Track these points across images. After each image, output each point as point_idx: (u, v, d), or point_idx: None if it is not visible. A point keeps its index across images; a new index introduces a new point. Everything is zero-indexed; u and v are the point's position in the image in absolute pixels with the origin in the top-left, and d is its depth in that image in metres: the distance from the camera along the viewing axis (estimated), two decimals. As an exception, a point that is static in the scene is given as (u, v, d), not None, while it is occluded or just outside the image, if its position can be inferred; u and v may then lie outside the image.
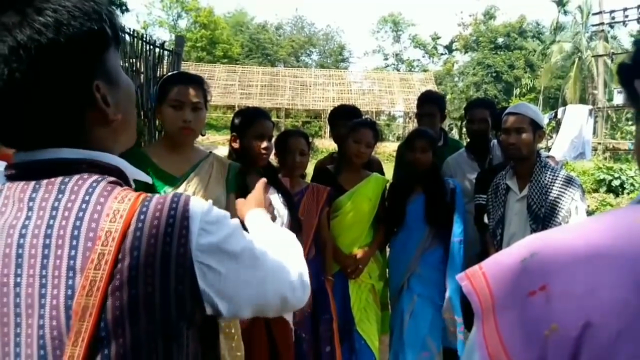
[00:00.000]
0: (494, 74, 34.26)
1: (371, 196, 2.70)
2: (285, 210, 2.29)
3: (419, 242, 2.70)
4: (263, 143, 2.21)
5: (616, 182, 10.91)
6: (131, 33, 4.08)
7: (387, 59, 42.49)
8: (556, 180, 2.35)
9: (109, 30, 0.74)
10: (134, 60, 4.19)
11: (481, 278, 0.57)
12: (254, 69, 27.36)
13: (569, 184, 2.32)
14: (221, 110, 25.77)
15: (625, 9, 18.64)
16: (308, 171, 3.07)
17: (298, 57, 39.81)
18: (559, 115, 13.30)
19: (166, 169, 1.88)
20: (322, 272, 2.52)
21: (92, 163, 0.74)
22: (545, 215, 2.31)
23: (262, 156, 2.23)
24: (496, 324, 0.53)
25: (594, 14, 22.07)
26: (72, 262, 0.66)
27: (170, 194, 0.72)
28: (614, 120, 23.08)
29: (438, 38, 41.08)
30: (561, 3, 31.24)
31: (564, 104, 19.79)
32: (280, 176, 2.44)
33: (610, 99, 22.82)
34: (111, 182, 0.73)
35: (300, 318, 2.37)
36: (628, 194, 10.63)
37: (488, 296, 0.55)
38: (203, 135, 2.06)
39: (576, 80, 26.08)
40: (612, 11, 19.56)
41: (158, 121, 3.71)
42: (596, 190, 10.99)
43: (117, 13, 0.77)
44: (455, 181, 2.83)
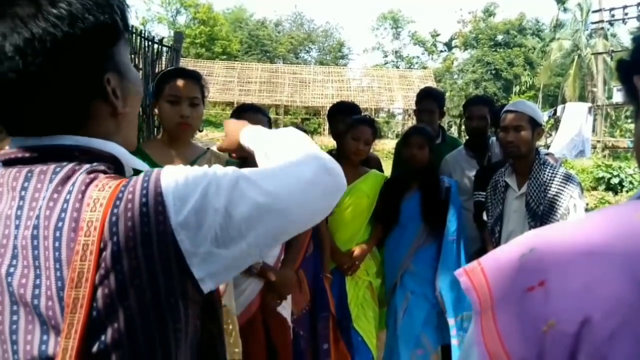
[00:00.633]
0: (494, 72, 34.25)
1: (369, 193, 2.70)
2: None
3: (413, 239, 2.70)
4: None
5: (615, 180, 10.94)
6: (130, 29, 4.05)
7: (387, 56, 42.50)
8: (555, 177, 2.34)
9: (121, 22, 0.74)
10: (133, 56, 4.19)
11: (480, 274, 0.57)
12: (253, 66, 27.32)
13: (568, 182, 2.32)
14: (220, 106, 25.75)
15: (625, 7, 18.66)
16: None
17: (297, 54, 39.75)
18: (559, 112, 13.32)
19: (163, 165, 1.86)
20: (321, 270, 2.52)
21: (85, 150, 0.73)
22: (543, 212, 2.31)
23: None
24: (494, 320, 0.53)
25: (594, 12, 22.10)
26: (58, 254, 0.65)
27: (142, 173, 0.70)
28: (613, 118, 23.11)
29: (437, 35, 41.06)
30: (561, 0, 31.21)
31: (564, 102, 19.79)
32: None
33: (609, 97, 22.84)
34: (97, 170, 0.71)
35: (298, 315, 2.37)
36: (627, 192, 10.65)
37: (486, 292, 0.55)
38: (200, 131, 2.05)
39: (575, 77, 26.09)
40: (612, 9, 19.59)
41: (156, 117, 3.70)
42: (595, 188, 11.02)
43: (126, 5, 0.77)
44: (450, 180, 2.83)
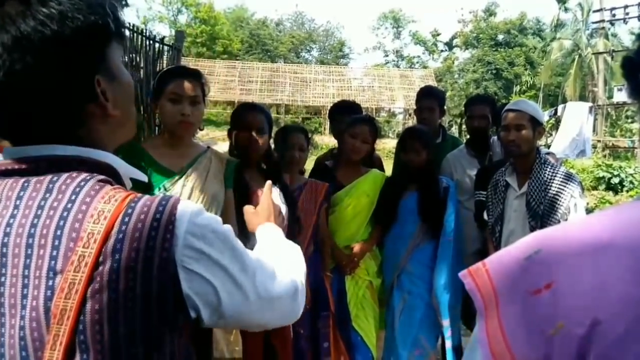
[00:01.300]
0: (494, 71, 34.19)
1: (369, 192, 2.69)
2: (285, 206, 2.29)
3: (410, 239, 2.70)
4: (250, 134, 2.19)
5: (615, 180, 10.92)
6: (131, 28, 4.06)
7: (387, 56, 42.42)
8: (555, 177, 2.34)
9: (112, 24, 0.73)
10: (134, 55, 4.18)
11: (484, 275, 0.56)
12: (254, 65, 27.31)
13: (569, 181, 2.32)
14: (221, 106, 25.73)
15: (625, 7, 18.62)
16: (308, 167, 3.06)
17: (298, 53, 39.71)
18: (559, 112, 13.30)
19: (164, 164, 1.87)
20: (321, 269, 2.53)
21: (83, 160, 0.72)
22: (544, 212, 2.31)
23: (251, 147, 2.18)
24: (500, 322, 0.52)
25: (595, 11, 22.05)
26: (53, 263, 0.64)
27: (159, 196, 0.70)
28: (614, 117, 23.07)
29: (438, 35, 40.99)
30: (562, 0, 31.16)
31: (564, 102, 19.76)
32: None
33: (610, 97, 22.81)
34: (101, 181, 0.70)
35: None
36: (627, 192, 10.64)
37: (491, 293, 0.54)
38: (201, 129, 2.05)
39: (576, 77, 26.06)
40: (613, 8, 19.55)
41: (157, 116, 3.70)
42: (595, 187, 11.01)
43: (119, 7, 0.76)
44: (449, 180, 2.83)
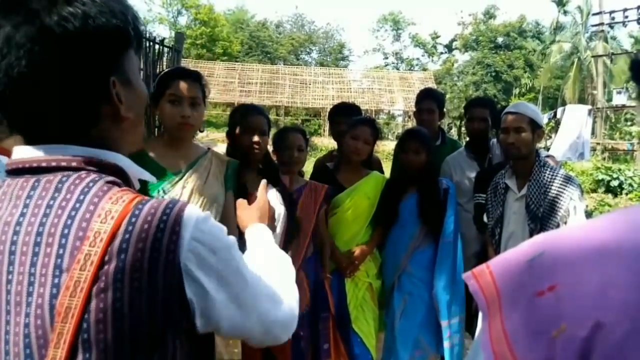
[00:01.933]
0: (494, 74, 34.25)
1: (370, 194, 2.69)
2: (283, 208, 2.29)
3: (410, 241, 2.70)
4: (253, 137, 2.21)
5: (615, 183, 10.95)
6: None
7: (387, 58, 42.48)
8: (555, 179, 2.34)
9: (132, 32, 0.75)
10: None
11: (488, 277, 0.56)
12: (254, 67, 27.34)
13: (568, 184, 2.32)
14: (221, 107, 25.75)
15: (625, 10, 18.64)
16: (308, 169, 3.06)
17: (298, 55, 39.75)
18: (559, 115, 13.31)
19: (164, 165, 1.87)
20: (321, 270, 2.52)
21: (92, 161, 0.73)
22: (543, 214, 2.31)
23: (254, 150, 2.21)
24: (503, 323, 0.52)
25: (594, 14, 22.08)
26: (60, 261, 0.65)
27: (166, 199, 0.71)
28: (613, 120, 23.12)
29: (438, 37, 41.06)
30: (561, 3, 31.23)
31: (563, 104, 19.79)
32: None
33: (609, 99, 22.86)
34: (109, 182, 0.72)
35: (298, 316, 2.36)
36: (626, 194, 10.66)
37: (495, 295, 0.54)
38: (202, 131, 2.05)
39: (575, 80, 26.10)
40: (612, 11, 19.57)
41: (157, 117, 3.69)
42: (595, 190, 11.03)
43: (141, 20, 0.78)
44: (449, 181, 2.83)
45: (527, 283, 0.52)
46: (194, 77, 1.91)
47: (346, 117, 2.92)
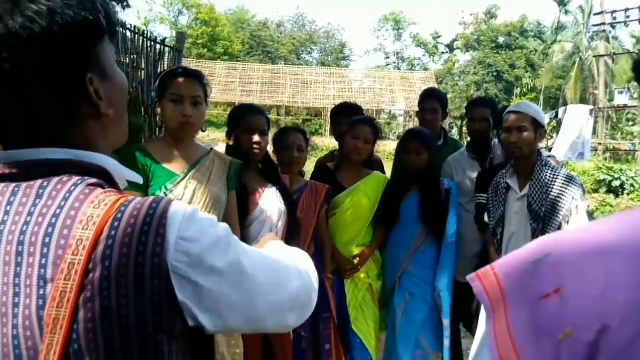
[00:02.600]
0: (495, 74, 34.22)
1: (370, 194, 2.69)
2: (283, 207, 2.29)
3: (411, 241, 2.70)
4: (254, 137, 2.21)
5: (616, 183, 10.93)
6: (132, 29, 4.06)
7: (388, 58, 42.45)
8: (557, 179, 2.34)
9: (104, 21, 0.71)
10: (135, 56, 4.18)
11: (493, 279, 0.56)
12: (255, 67, 27.33)
13: (570, 183, 2.32)
14: (222, 107, 25.74)
15: (626, 10, 18.63)
16: (309, 169, 3.06)
17: (299, 55, 39.76)
18: (560, 115, 13.29)
19: (167, 165, 1.87)
20: (322, 271, 2.52)
21: (74, 163, 0.70)
22: (545, 214, 2.31)
23: (254, 150, 2.21)
24: (508, 325, 0.52)
25: (596, 14, 22.07)
26: (43, 271, 0.62)
27: (150, 198, 0.67)
28: (615, 120, 23.09)
29: (439, 37, 41.02)
30: (562, 3, 31.20)
31: (565, 104, 19.78)
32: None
33: (611, 99, 22.84)
34: (91, 185, 0.68)
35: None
36: (628, 195, 10.64)
37: (500, 297, 0.54)
38: (204, 131, 2.05)
39: (577, 80, 26.10)
40: (614, 11, 19.55)
41: (159, 117, 3.70)
42: (596, 190, 11.01)
43: (114, 4, 0.74)
44: (450, 182, 2.83)
45: (532, 285, 0.52)
46: (196, 77, 1.91)
47: (348, 117, 2.92)
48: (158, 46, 4.15)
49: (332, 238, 2.64)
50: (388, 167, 3.34)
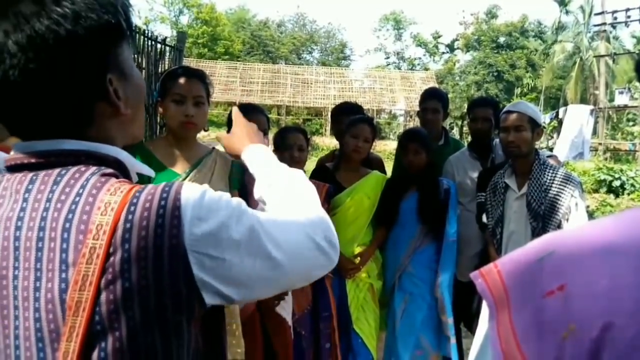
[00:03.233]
0: (496, 73, 34.20)
1: (370, 194, 2.69)
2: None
3: (411, 240, 2.71)
4: None
5: (617, 183, 10.92)
6: (133, 28, 4.04)
7: (389, 57, 42.42)
8: (555, 177, 2.36)
9: (124, 23, 0.74)
10: (136, 55, 4.19)
11: (496, 276, 0.56)
12: (255, 66, 27.31)
13: (568, 181, 2.34)
14: (222, 107, 25.70)
15: (627, 10, 18.61)
16: (309, 168, 3.06)
17: (299, 55, 39.75)
18: (560, 115, 13.29)
19: (168, 165, 1.87)
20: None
21: (91, 154, 0.73)
22: (545, 212, 2.32)
23: None
24: (511, 323, 0.52)
25: (596, 14, 22.06)
26: (65, 256, 0.65)
27: (163, 184, 0.70)
28: (615, 120, 23.07)
29: (439, 37, 40.98)
30: (563, 3, 31.16)
31: (565, 104, 19.76)
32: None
33: (611, 99, 22.82)
34: (106, 174, 0.71)
35: (300, 315, 2.37)
36: (628, 195, 10.64)
37: (503, 295, 0.54)
38: (206, 130, 2.05)
39: (577, 80, 26.08)
40: (614, 11, 19.53)
41: (160, 117, 3.70)
42: (596, 190, 11.00)
43: (130, 6, 0.77)
44: (449, 181, 2.83)
45: (536, 283, 0.52)
46: (198, 76, 1.91)
47: (348, 117, 2.91)
48: (159, 46, 4.15)
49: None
50: (388, 167, 3.34)
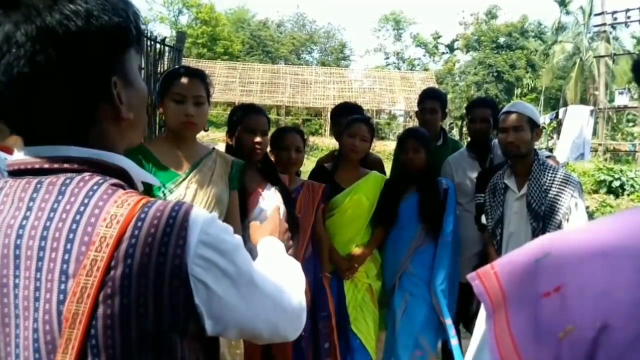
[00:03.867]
0: (495, 74, 34.22)
1: (369, 194, 2.69)
2: (283, 206, 2.29)
3: (411, 241, 2.71)
4: (256, 137, 2.21)
5: (616, 183, 10.93)
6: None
7: (388, 58, 42.41)
8: (555, 178, 2.36)
9: (134, 30, 0.75)
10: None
11: (493, 278, 0.56)
12: (255, 66, 27.31)
13: (568, 182, 2.34)
14: (221, 107, 25.72)
15: (627, 10, 18.64)
16: (308, 169, 3.06)
17: (299, 55, 39.75)
18: (560, 115, 13.31)
19: (168, 165, 1.86)
20: (320, 269, 2.53)
21: (96, 162, 0.72)
22: (545, 213, 2.32)
23: (255, 150, 2.22)
24: (508, 325, 0.52)
25: (596, 15, 22.11)
26: (65, 267, 0.64)
27: (172, 201, 0.70)
28: (615, 121, 23.09)
29: (439, 37, 40.99)
30: (563, 3, 31.19)
31: (565, 105, 19.80)
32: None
33: (611, 100, 22.85)
34: (114, 185, 0.70)
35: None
36: (628, 195, 10.65)
37: (500, 296, 0.54)
38: (206, 130, 2.05)
39: (577, 80, 26.10)
40: (614, 12, 19.56)
41: (159, 116, 3.70)
42: (596, 191, 11.01)
43: (141, 17, 0.78)
44: (448, 181, 2.83)
45: (533, 284, 0.52)
46: (199, 76, 1.91)
47: (348, 117, 2.92)
48: (158, 45, 4.14)
49: (332, 238, 2.64)
50: (388, 167, 3.34)
